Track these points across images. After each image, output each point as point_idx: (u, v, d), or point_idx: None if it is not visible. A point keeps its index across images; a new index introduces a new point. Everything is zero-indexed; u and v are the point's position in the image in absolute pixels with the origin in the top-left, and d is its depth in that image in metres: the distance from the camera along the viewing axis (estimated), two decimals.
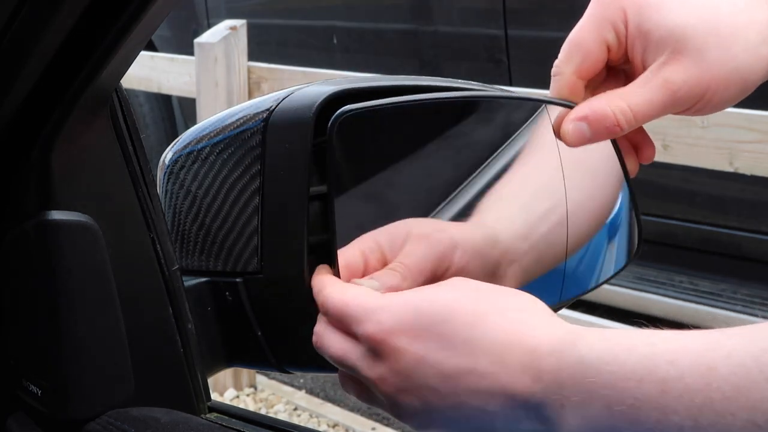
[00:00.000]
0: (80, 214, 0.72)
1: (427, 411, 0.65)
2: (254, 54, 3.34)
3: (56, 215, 0.71)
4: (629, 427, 0.57)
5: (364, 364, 0.66)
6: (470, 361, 0.62)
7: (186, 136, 0.83)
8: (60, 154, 0.70)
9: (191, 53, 3.40)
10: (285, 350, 0.80)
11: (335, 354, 0.68)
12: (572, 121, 0.74)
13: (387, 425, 3.00)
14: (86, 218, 0.72)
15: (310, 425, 3.05)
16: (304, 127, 0.73)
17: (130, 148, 0.75)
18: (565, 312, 0.76)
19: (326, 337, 0.69)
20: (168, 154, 0.83)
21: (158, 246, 0.76)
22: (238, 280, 0.78)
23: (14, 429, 0.78)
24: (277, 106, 0.76)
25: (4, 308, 0.76)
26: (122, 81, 0.73)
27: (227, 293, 0.79)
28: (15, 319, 0.76)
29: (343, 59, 3.83)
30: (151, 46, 4.22)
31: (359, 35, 3.86)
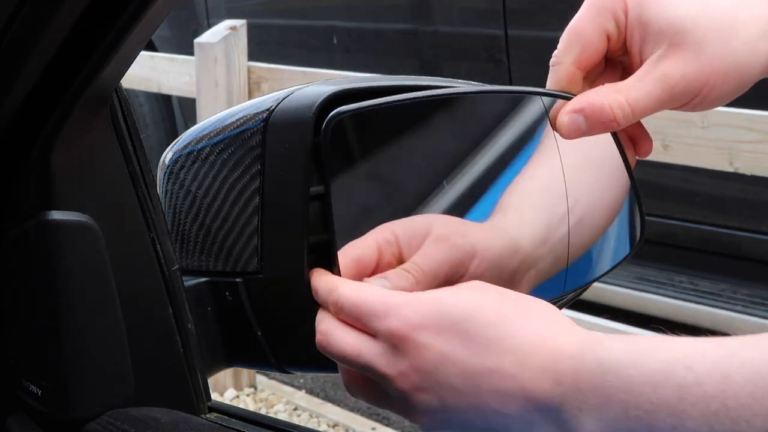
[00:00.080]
0: (80, 214, 0.72)
1: (443, 410, 0.64)
2: (254, 54, 3.34)
3: (56, 215, 0.71)
4: (646, 431, 0.57)
5: (383, 361, 0.65)
6: (493, 361, 0.62)
7: (186, 136, 0.83)
8: (60, 154, 0.70)
9: (191, 53, 3.40)
10: (285, 350, 0.80)
11: (348, 352, 0.67)
12: (568, 113, 0.73)
13: (387, 425, 3.00)
14: (86, 218, 0.72)
15: (310, 425, 3.05)
16: (304, 127, 0.73)
17: (130, 148, 0.75)
18: (565, 312, 0.76)
19: (336, 335, 0.68)
20: (168, 154, 0.83)
21: (158, 246, 0.76)
22: (238, 280, 0.78)
23: (14, 429, 0.78)
24: (277, 106, 0.76)
25: (4, 308, 0.77)
26: (122, 81, 0.73)
27: (227, 293, 0.79)
28: (15, 319, 0.76)
29: (343, 59, 3.83)
30: (151, 46, 4.22)
31: (359, 35, 3.86)
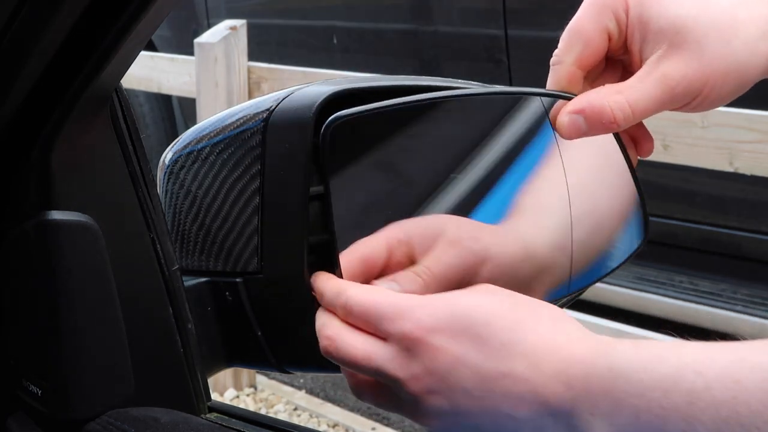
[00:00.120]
0: (80, 214, 0.72)
1: (454, 413, 0.63)
2: (254, 54, 3.34)
3: (56, 215, 0.71)
4: None
5: (395, 364, 0.64)
6: (507, 365, 0.62)
7: (186, 136, 0.83)
8: (60, 154, 0.70)
9: (191, 53, 3.40)
10: (285, 350, 0.80)
11: (358, 356, 0.66)
12: (568, 113, 0.73)
13: (387, 425, 3.00)
14: (86, 218, 0.72)
15: (310, 425, 3.05)
16: (304, 127, 0.73)
17: (130, 148, 0.75)
18: (566, 311, 0.75)
19: (344, 339, 0.67)
20: (168, 154, 0.83)
21: (158, 246, 0.76)
22: (238, 280, 0.78)
23: (14, 429, 0.78)
24: (277, 106, 0.76)
25: (4, 308, 0.77)
26: (122, 81, 0.73)
27: (227, 293, 0.79)
28: (15, 319, 0.76)
29: (343, 59, 3.83)
30: (151, 46, 4.22)
31: (359, 35, 3.86)
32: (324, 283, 0.70)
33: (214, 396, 0.87)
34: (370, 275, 0.72)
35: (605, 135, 0.76)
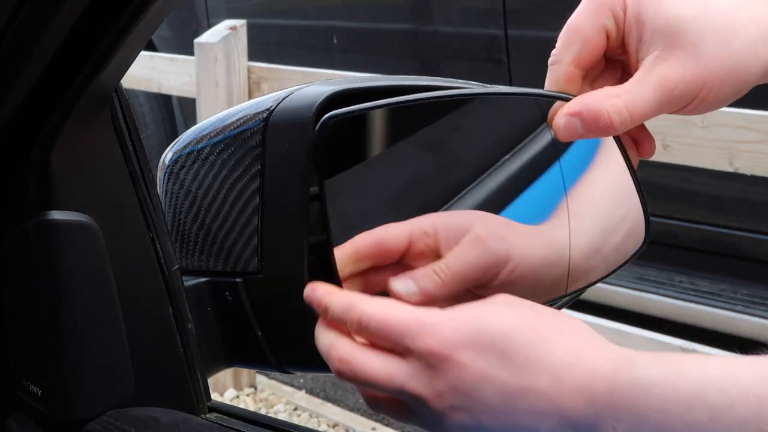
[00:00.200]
0: (80, 214, 0.72)
1: (477, 429, 0.63)
2: (254, 54, 3.34)
3: (56, 215, 0.71)
4: None
5: (417, 382, 0.63)
6: (530, 381, 0.61)
7: (186, 136, 0.83)
8: (60, 154, 0.70)
9: (191, 53, 3.40)
10: (285, 350, 0.80)
11: (379, 377, 0.64)
12: (565, 115, 0.72)
13: (387, 425, 3.00)
14: (86, 218, 0.72)
15: (310, 425, 3.05)
16: (304, 127, 0.73)
17: (130, 148, 0.75)
18: (565, 312, 0.75)
19: (360, 360, 0.65)
20: (168, 154, 0.83)
21: (158, 246, 0.76)
22: (238, 280, 0.78)
23: (14, 429, 0.78)
24: (277, 106, 0.76)
25: (4, 308, 0.77)
26: (122, 81, 0.73)
27: (227, 293, 0.79)
28: (15, 319, 0.76)
29: (343, 59, 3.83)
30: (151, 46, 4.22)
31: (359, 35, 3.86)
32: (329, 296, 0.68)
33: (214, 396, 0.87)
34: (383, 259, 0.72)
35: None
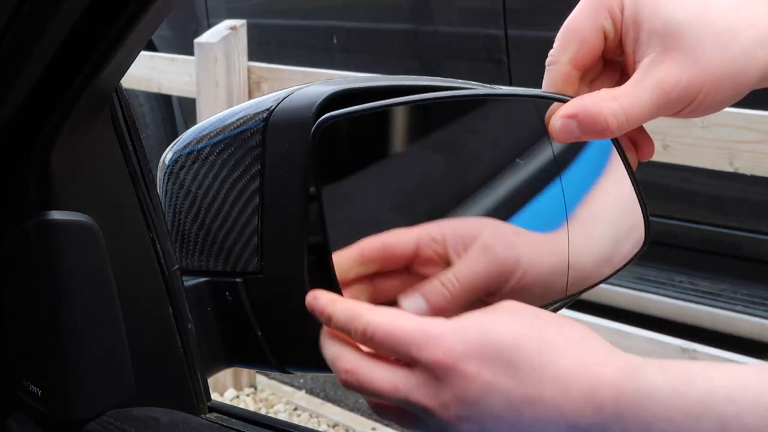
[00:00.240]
0: (80, 214, 0.72)
1: None
2: (254, 54, 3.34)
3: (56, 215, 0.71)
4: None
5: (423, 393, 0.63)
6: (537, 390, 0.61)
7: (186, 136, 0.83)
8: (60, 154, 0.70)
9: (191, 53, 3.40)
10: (285, 350, 0.80)
11: (384, 388, 0.64)
12: (561, 117, 0.71)
13: (387, 425, 3.00)
14: (86, 218, 0.72)
15: (310, 425, 3.05)
16: (304, 127, 0.73)
17: (130, 148, 0.75)
18: (565, 312, 0.75)
19: (366, 371, 0.65)
20: (168, 154, 0.83)
21: (158, 246, 0.76)
22: (238, 280, 0.78)
23: (14, 429, 0.78)
24: (277, 106, 0.76)
25: (4, 308, 0.77)
26: (122, 81, 0.73)
27: (227, 293, 0.79)
28: (15, 319, 0.76)
29: (343, 59, 3.83)
30: (151, 46, 4.22)
31: (359, 35, 3.86)
32: (332, 305, 0.67)
33: (214, 396, 0.87)
34: (389, 264, 0.72)
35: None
